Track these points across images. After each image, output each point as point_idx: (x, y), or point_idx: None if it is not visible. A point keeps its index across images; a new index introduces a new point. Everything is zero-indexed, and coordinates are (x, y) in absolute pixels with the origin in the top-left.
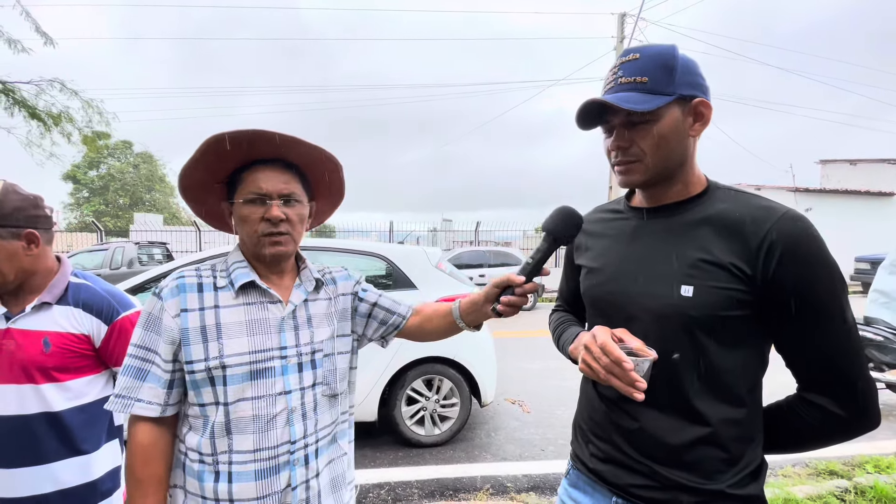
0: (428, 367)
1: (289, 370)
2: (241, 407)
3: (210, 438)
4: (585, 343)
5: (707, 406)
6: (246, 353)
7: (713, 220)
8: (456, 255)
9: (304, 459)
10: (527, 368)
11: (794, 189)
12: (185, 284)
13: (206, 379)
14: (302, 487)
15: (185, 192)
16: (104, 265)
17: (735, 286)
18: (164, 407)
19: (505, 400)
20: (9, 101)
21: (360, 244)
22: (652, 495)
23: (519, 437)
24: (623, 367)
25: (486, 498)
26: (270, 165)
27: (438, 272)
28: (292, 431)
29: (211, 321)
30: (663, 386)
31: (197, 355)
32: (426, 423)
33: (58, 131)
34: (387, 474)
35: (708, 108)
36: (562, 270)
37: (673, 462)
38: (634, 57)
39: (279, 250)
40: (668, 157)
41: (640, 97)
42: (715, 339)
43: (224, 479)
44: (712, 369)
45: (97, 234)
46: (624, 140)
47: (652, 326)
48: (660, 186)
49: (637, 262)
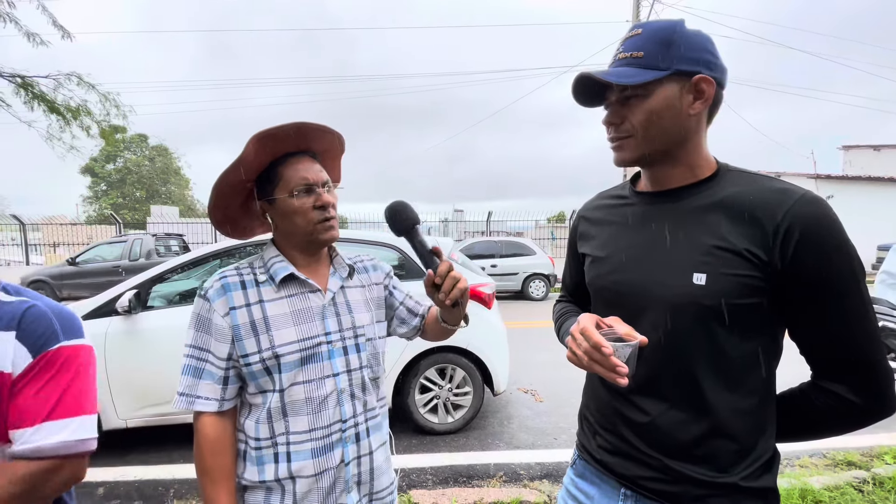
0: (440, 356)
1: (335, 354)
2: (294, 391)
3: (268, 423)
4: (571, 330)
5: (719, 397)
6: (295, 341)
7: (725, 204)
8: (468, 245)
9: (356, 437)
10: (540, 358)
11: (815, 176)
12: (228, 284)
13: (262, 370)
14: (354, 463)
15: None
16: (123, 257)
17: (750, 273)
18: (222, 402)
19: (517, 389)
20: (28, 95)
21: (373, 235)
22: (662, 488)
23: (531, 426)
24: (602, 351)
25: (500, 485)
26: (302, 157)
27: (451, 262)
28: (343, 411)
29: (259, 315)
30: (673, 377)
31: (251, 349)
32: (439, 411)
33: (77, 125)
34: (402, 460)
35: (710, 85)
36: (565, 259)
37: (684, 455)
38: (637, 32)
39: (334, 234)
40: (661, 134)
41: (631, 71)
42: (728, 328)
43: (284, 460)
44: (725, 359)
45: (116, 226)
46: (616, 116)
47: (662, 316)
48: (660, 168)
49: (645, 250)
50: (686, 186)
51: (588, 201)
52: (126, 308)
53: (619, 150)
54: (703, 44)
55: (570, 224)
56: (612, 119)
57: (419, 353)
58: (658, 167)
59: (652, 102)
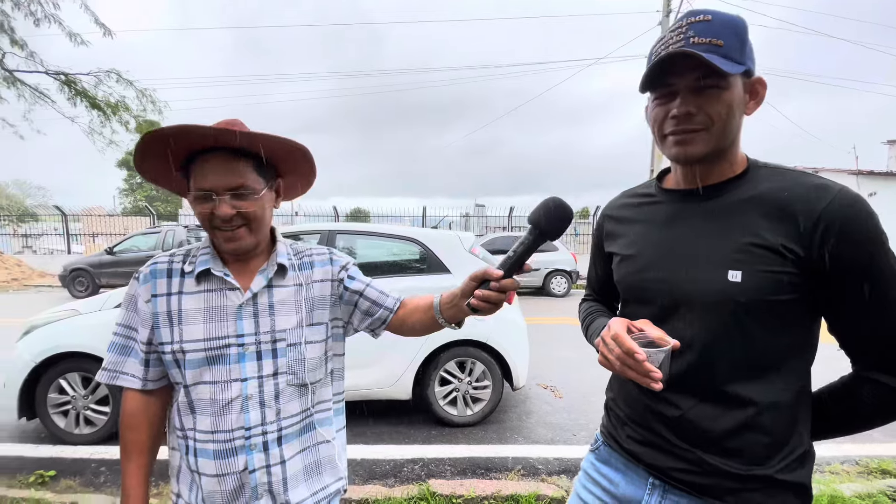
0: (460, 349)
1: (246, 357)
2: (199, 389)
3: (178, 415)
4: (602, 335)
5: (754, 392)
6: (201, 339)
7: (759, 200)
8: (489, 240)
9: (263, 446)
10: (560, 354)
11: (857, 172)
12: (156, 270)
13: (172, 361)
14: (262, 472)
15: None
16: (157, 247)
17: (786, 269)
18: (144, 381)
19: (537, 385)
20: (71, 92)
21: (394, 228)
22: (693, 480)
23: (550, 422)
24: (635, 358)
25: (518, 478)
26: (214, 155)
27: (472, 257)
28: (247, 418)
29: (175, 307)
30: (706, 372)
31: (165, 338)
32: (458, 403)
33: (116, 120)
34: (421, 450)
35: (764, 88)
36: (589, 258)
37: (718, 448)
38: (706, 18)
39: (235, 246)
40: (730, 129)
41: (720, 60)
42: (763, 325)
43: (192, 453)
44: (759, 354)
45: (150, 217)
46: (693, 105)
47: (696, 314)
48: (710, 163)
49: (678, 248)
50: (720, 183)
51: (612, 200)
52: None
53: (688, 143)
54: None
55: (595, 223)
56: (690, 108)
57: (439, 346)
58: (708, 164)
59: (731, 95)
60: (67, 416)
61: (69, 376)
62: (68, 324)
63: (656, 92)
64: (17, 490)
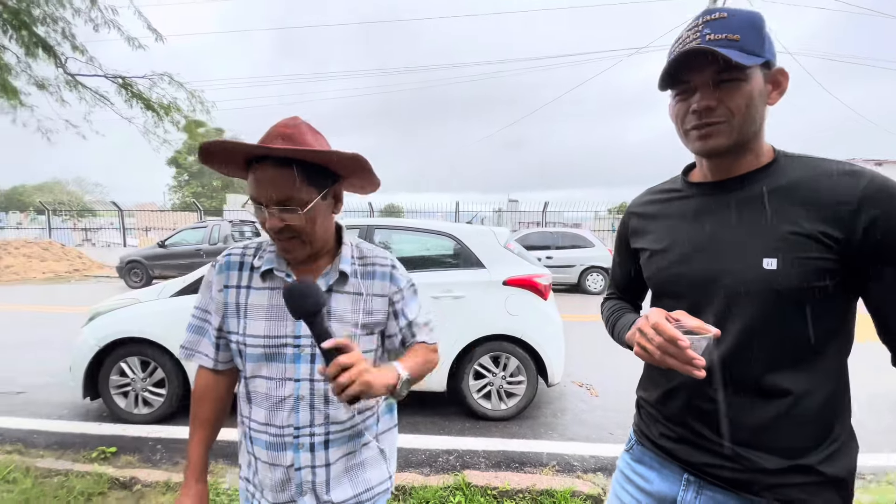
0: (495, 344)
1: (301, 359)
2: (257, 382)
3: (240, 401)
4: (640, 326)
5: (791, 381)
6: (261, 335)
7: (791, 188)
8: (523, 236)
9: (310, 447)
10: (596, 352)
11: None
12: (230, 262)
13: (237, 350)
14: (307, 471)
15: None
16: (204, 241)
17: (823, 255)
18: (216, 362)
19: (572, 382)
20: (128, 94)
21: (430, 223)
22: (730, 475)
23: (586, 420)
24: (678, 345)
25: (552, 474)
26: (264, 164)
27: (507, 252)
28: (297, 418)
29: (242, 300)
30: (743, 364)
31: (233, 328)
32: (493, 397)
33: (168, 120)
34: (455, 442)
35: (786, 78)
36: (613, 256)
37: (754, 442)
38: (722, 16)
39: (290, 256)
40: (752, 121)
41: (737, 53)
42: (800, 312)
43: (249, 438)
44: (796, 343)
45: (198, 213)
46: (713, 99)
47: (731, 304)
48: (734, 156)
49: (709, 240)
50: (748, 174)
51: (637, 197)
52: None
53: (710, 136)
54: (772, 38)
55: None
56: (710, 102)
57: (474, 341)
58: (733, 156)
59: (750, 87)
60: (127, 397)
61: (129, 360)
62: (129, 311)
63: (676, 89)
64: (81, 464)
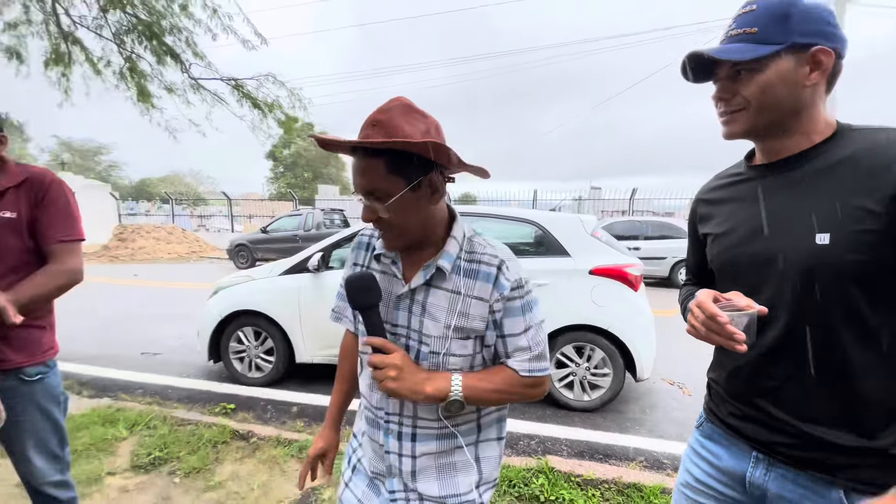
0: (579, 334)
1: (396, 343)
2: (365, 359)
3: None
4: (689, 305)
5: (855, 358)
6: None
7: (848, 163)
8: (608, 225)
9: (398, 435)
10: (688, 350)
11: None
12: (360, 242)
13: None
14: (395, 456)
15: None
16: (299, 227)
17: (876, 227)
18: (356, 326)
19: (661, 380)
20: (239, 95)
21: (513, 211)
22: (798, 454)
23: (678, 418)
24: (717, 321)
25: (640, 469)
26: (357, 154)
27: (594, 240)
28: (387, 402)
29: None
30: (801, 341)
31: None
32: (575, 388)
33: (271, 117)
34: (536, 427)
35: (828, 56)
36: (686, 244)
37: (822, 419)
38: (751, 9)
39: (387, 246)
40: (775, 106)
41: (744, 47)
42: (858, 287)
43: (362, 407)
44: (858, 318)
45: (293, 202)
46: (726, 91)
47: (786, 281)
48: (773, 139)
49: (765, 220)
50: (802, 152)
51: (705, 184)
52: (315, 267)
53: (730, 123)
54: (822, 15)
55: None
56: (723, 94)
57: (556, 329)
58: (771, 139)
59: (765, 76)
60: (243, 362)
61: (245, 330)
62: (245, 287)
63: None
64: (207, 416)
